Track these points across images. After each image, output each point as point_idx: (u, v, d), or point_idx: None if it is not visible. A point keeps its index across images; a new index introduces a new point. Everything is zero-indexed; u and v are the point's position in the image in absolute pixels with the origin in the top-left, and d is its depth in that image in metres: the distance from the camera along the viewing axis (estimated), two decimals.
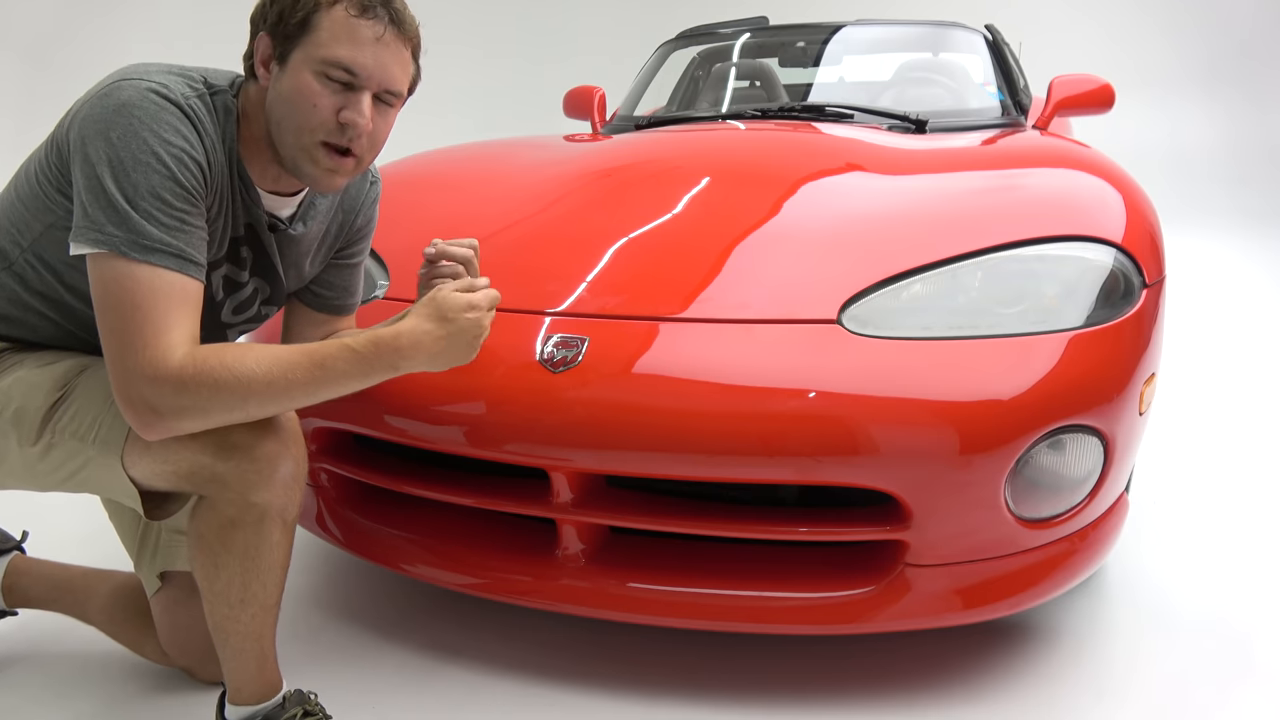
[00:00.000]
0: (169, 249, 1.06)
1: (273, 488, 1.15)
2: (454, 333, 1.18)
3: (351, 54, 1.11)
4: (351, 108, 1.13)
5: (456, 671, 1.53)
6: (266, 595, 1.23)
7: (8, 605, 1.56)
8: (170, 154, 1.07)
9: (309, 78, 1.11)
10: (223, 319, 1.31)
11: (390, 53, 1.14)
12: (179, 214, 1.08)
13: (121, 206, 1.04)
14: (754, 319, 1.43)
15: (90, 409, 1.16)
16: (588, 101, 3.08)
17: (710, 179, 1.84)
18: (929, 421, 1.29)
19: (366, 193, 1.42)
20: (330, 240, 1.40)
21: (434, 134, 3.35)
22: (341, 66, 1.11)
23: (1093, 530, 1.48)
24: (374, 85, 1.14)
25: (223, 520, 1.16)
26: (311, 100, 1.12)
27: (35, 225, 1.18)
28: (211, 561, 1.19)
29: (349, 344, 1.13)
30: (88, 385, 1.19)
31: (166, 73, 1.13)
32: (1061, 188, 1.69)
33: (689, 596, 1.41)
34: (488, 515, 1.57)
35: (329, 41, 1.10)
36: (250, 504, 1.15)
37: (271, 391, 1.08)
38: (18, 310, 1.23)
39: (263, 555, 1.19)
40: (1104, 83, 2.65)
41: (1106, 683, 1.48)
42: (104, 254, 1.05)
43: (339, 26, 1.11)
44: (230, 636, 1.24)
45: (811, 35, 3.06)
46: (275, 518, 1.18)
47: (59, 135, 1.14)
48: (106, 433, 1.15)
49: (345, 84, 1.12)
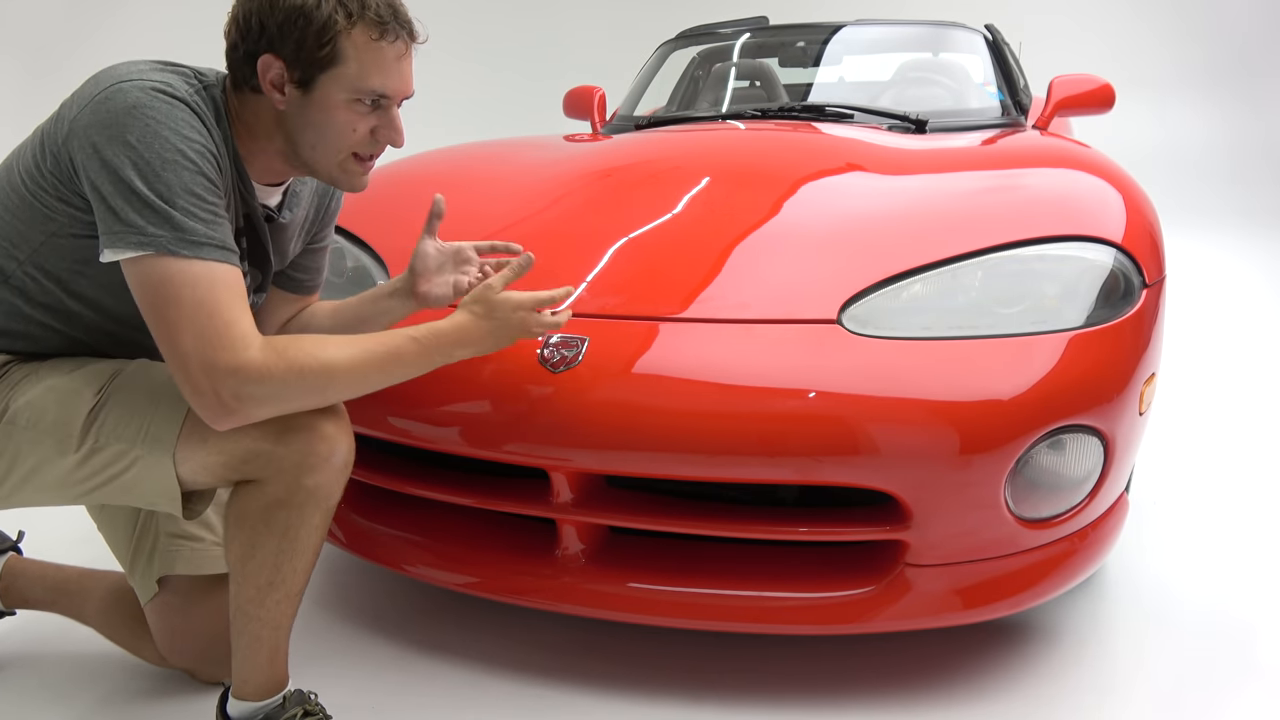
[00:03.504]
0: (214, 242, 1.08)
1: (328, 471, 1.18)
2: (498, 327, 1.28)
3: (383, 82, 1.17)
4: (386, 125, 1.21)
5: (456, 671, 1.53)
6: (294, 581, 1.23)
7: (5, 606, 1.56)
8: (194, 150, 1.08)
9: (342, 105, 1.16)
10: None
11: (408, 63, 1.21)
12: (213, 208, 1.09)
13: (160, 206, 1.04)
14: (754, 319, 1.43)
15: (134, 410, 1.16)
16: (587, 101, 3.08)
17: (710, 179, 1.84)
18: (929, 421, 1.29)
19: None
20: (309, 225, 1.43)
21: (433, 134, 3.35)
22: (377, 94, 1.17)
23: (1093, 530, 1.48)
24: (399, 98, 1.21)
25: (269, 500, 1.17)
26: (351, 125, 1.18)
27: (34, 236, 1.16)
28: (249, 540, 1.20)
29: (413, 335, 1.21)
30: (126, 388, 1.18)
31: (160, 70, 1.13)
32: (1061, 188, 1.69)
33: (689, 596, 1.41)
34: (488, 515, 1.57)
35: (360, 74, 1.15)
36: (301, 485, 1.17)
37: (351, 378, 1.14)
38: (20, 324, 1.22)
39: (301, 538, 1.20)
40: (1104, 83, 2.65)
41: (1108, 682, 1.48)
42: (148, 256, 1.05)
43: (365, 55, 1.15)
44: (250, 622, 1.24)
45: (811, 35, 3.06)
46: (322, 502, 1.20)
47: (52, 143, 1.11)
48: (157, 431, 1.15)
49: (374, 104, 1.18)
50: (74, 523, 1.96)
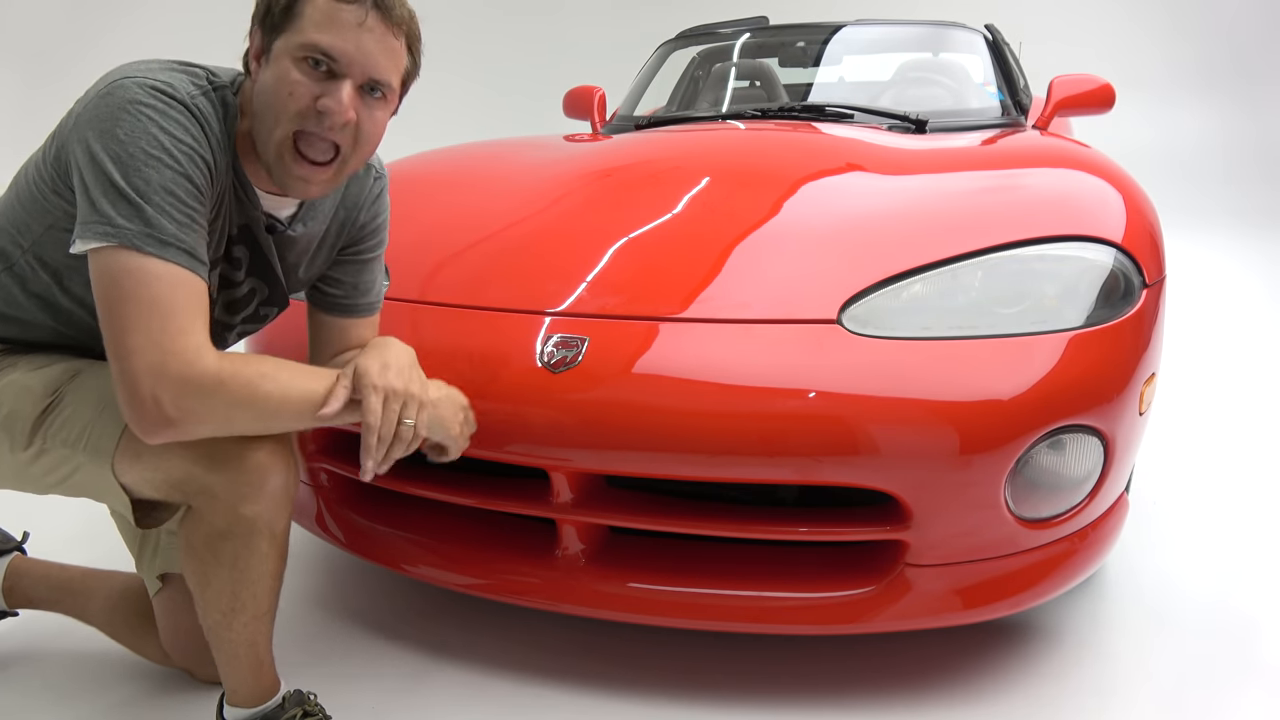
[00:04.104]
0: (183, 245, 1.04)
1: (262, 500, 1.15)
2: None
3: (330, 39, 1.06)
4: (330, 95, 1.08)
5: (456, 671, 1.53)
6: (258, 604, 1.22)
7: (9, 606, 1.56)
8: (181, 150, 1.05)
9: (288, 65, 1.07)
10: (216, 317, 1.29)
11: (374, 39, 1.09)
12: (190, 211, 1.06)
13: (134, 199, 1.01)
14: (754, 319, 1.43)
15: (81, 415, 1.15)
16: (587, 101, 3.08)
17: (710, 179, 1.84)
18: (929, 421, 1.29)
19: (369, 189, 1.38)
20: (332, 239, 1.37)
21: (432, 134, 3.35)
22: (320, 51, 1.06)
23: (1093, 530, 1.48)
24: (357, 74, 1.09)
25: (211, 531, 1.16)
26: (288, 88, 1.07)
27: (35, 227, 1.17)
28: (201, 570, 1.19)
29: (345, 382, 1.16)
30: (79, 391, 1.17)
31: (169, 70, 1.11)
32: (1061, 187, 1.69)
33: (689, 596, 1.41)
34: (488, 515, 1.57)
35: (308, 28, 1.06)
36: (240, 516, 1.14)
37: (303, 409, 1.10)
38: (15, 311, 1.23)
39: (252, 566, 1.19)
40: (1104, 83, 2.65)
41: (1109, 683, 1.48)
42: (112, 248, 1.01)
43: (320, 13, 1.06)
44: (223, 643, 1.24)
45: (811, 35, 3.06)
46: (264, 530, 1.17)
47: (59, 135, 1.12)
48: (97, 440, 1.13)
49: (327, 72, 1.08)
50: (78, 522, 1.96)
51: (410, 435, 1.17)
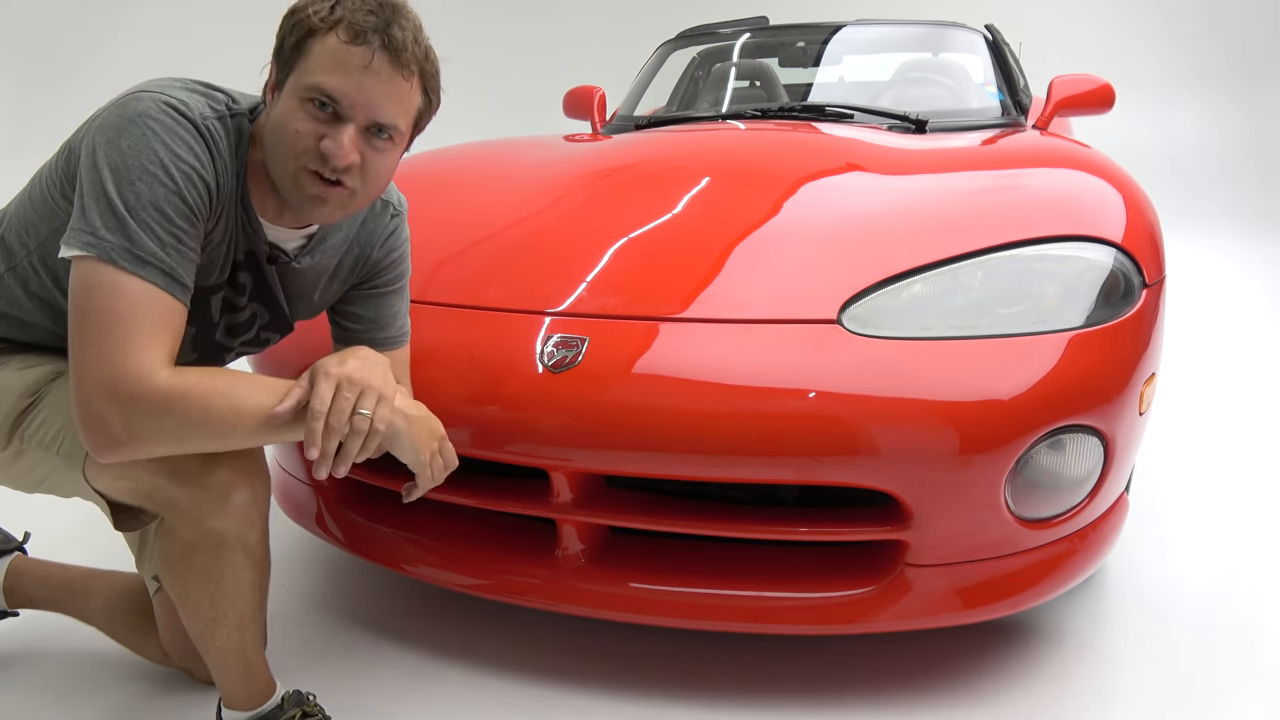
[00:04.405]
0: (160, 265, 1.03)
1: (227, 515, 1.13)
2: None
3: (335, 81, 1.05)
4: (332, 137, 1.06)
5: (456, 672, 1.53)
6: (239, 614, 1.22)
7: (9, 606, 1.56)
8: (179, 169, 1.05)
9: (295, 104, 1.07)
10: (217, 339, 1.29)
11: (379, 82, 1.06)
12: (177, 231, 1.05)
13: (120, 213, 1.01)
14: (754, 319, 1.43)
15: (57, 418, 1.15)
16: (587, 101, 3.08)
17: (710, 179, 1.84)
18: (929, 421, 1.29)
19: (385, 225, 1.36)
20: (344, 274, 1.34)
21: (431, 134, 3.35)
22: (324, 93, 1.05)
23: (1093, 530, 1.48)
24: (360, 117, 1.07)
25: (183, 544, 1.15)
26: (294, 126, 1.07)
27: (42, 228, 1.17)
28: (179, 583, 1.19)
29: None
30: (58, 394, 1.17)
31: (189, 89, 1.11)
32: (1061, 188, 1.69)
33: (689, 596, 1.41)
34: (488, 515, 1.57)
35: (315, 68, 1.05)
36: (207, 530, 1.14)
37: (259, 425, 1.05)
38: (16, 311, 1.23)
39: (226, 579, 1.18)
40: (1104, 83, 2.65)
41: (1110, 683, 1.48)
42: (91, 258, 1.01)
43: (328, 53, 1.05)
44: (211, 651, 1.24)
45: (811, 35, 3.06)
46: (234, 544, 1.16)
47: (73, 141, 1.12)
48: (70, 445, 1.13)
49: (332, 114, 1.07)
50: (78, 522, 1.96)
51: (366, 427, 1.08)
